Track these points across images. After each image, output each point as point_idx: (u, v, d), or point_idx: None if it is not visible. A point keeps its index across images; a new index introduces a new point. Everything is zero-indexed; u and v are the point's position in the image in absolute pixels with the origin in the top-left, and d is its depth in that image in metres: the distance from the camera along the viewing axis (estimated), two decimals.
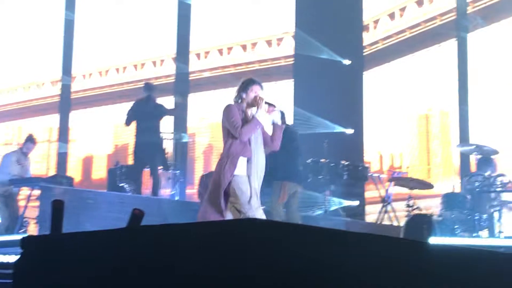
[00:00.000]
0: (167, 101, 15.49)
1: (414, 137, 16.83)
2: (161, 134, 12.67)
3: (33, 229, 11.52)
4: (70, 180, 12.19)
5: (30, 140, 11.96)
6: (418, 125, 16.43)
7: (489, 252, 4.09)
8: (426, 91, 16.22)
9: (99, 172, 19.91)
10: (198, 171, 17.88)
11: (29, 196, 11.31)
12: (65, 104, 19.75)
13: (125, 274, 3.67)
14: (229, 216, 7.71)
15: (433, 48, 16.31)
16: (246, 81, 8.09)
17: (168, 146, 14.13)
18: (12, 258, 6.81)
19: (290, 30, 17.47)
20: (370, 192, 14.52)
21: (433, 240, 9.73)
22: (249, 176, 7.74)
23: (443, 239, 9.88)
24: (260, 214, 7.63)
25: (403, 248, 3.98)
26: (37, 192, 11.37)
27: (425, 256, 3.82)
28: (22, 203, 11.94)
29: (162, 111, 12.48)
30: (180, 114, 16.83)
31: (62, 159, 18.64)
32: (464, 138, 14.18)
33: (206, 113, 19.02)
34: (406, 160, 16.74)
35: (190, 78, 18.57)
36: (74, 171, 18.99)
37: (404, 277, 3.58)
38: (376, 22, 17.63)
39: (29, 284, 4.12)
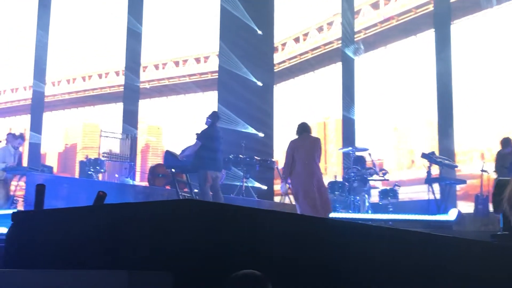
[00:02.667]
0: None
1: None
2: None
3: (20, 206, 11.20)
4: (50, 168, 11.93)
5: (21, 137, 11.69)
6: (317, 130, 15.34)
7: (361, 224, 4.16)
8: (325, 101, 15.59)
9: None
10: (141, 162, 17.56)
11: (19, 180, 11.02)
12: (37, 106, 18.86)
13: (90, 242, 3.61)
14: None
15: (330, 66, 15.64)
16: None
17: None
18: (4, 230, 6.61)
19: (215, 50, 17.01)
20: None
21: None
22: None
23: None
24: None
25: (300, 221, 4.02)
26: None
27: (314, 227, 3.86)
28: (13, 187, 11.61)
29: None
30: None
31: (35, 149, 17.77)
32: (348, 141, 13.78)
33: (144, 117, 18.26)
34: None
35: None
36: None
37: (300, 245, 3.61)
38: (283, 45, 17.04)
39: (18, 249, 4.01)
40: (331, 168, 14.93)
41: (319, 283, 3.57)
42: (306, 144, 8.71)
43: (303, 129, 8.90)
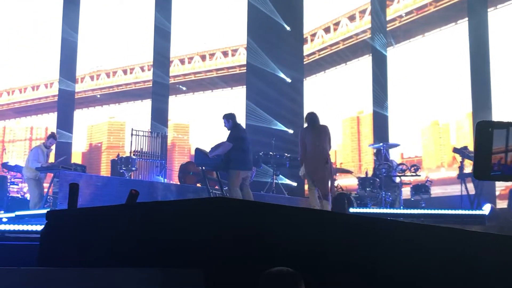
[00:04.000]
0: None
1: (347, 137, 15.50)
2: None
3: (54, 205, 11.37)
4: (83, 167, 12.06)
5: (53, 136, 11.83)
6: (350, 125, 15.07)
7: (392, 220, 4.14)
8: (358, 95, 14.78)
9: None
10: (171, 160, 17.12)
11: (52, 179, 11.17)
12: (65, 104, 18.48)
13: (123, 240, 3.65)
14: None
15: (364, 57, 14.73)
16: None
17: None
18: (39, 227, 6.73)
19: (243, 42, 16.49)
20: None
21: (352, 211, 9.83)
22: None
23: (359, 210, 9.97)
24: None
25: (330, 218, 4.00)
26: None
27: (346, 223, 3.85)
28: (46, 185, 11.76)
29: None
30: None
31: (65, 148, 17.28)
32: (379, 136, 13.30)
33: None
34: (339, 157, 15.25)
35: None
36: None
37: (331, 240, 3.60)
38: (313, 35, 16.18)
39: (52, 247, 4.07)
40: (367, 166, 14.02)
41: (348, 280, 3.56)
42: (315, 131, 9.29)
43: (312, 118, 9.42)
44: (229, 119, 10.00)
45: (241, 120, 10.31)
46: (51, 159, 12.33)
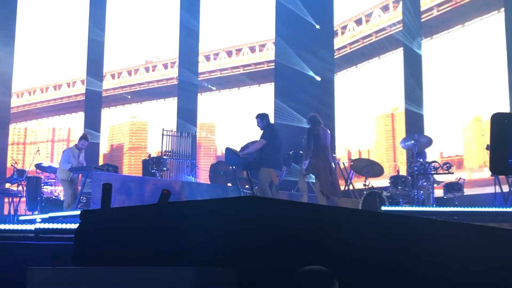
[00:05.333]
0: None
1: (381, 135, 14.84)
2: None
3: (87, 205, 11.50)
4: (115, 167, 12.18)
5: (84, 137, 11.96)
6: (384, 123, 14.45)
7: (425, 218, 4.10)
8: (392, 91, 13.96)
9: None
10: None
11: (85, 180, 11.30)
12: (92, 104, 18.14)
13: (155, 240, 3.67)
14: None
15: (398, 50, 13.82)
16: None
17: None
18: (74, 225, 6.81)
19: (271, 37, 15.97)
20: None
21: (384, 209, 9.77)
22: None
23: (391, 209, 9.91)
24: None
25: (362, 216, 3.98)
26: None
27: (378, 221, 3.82)
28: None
29: None
30: None
31: (94, 149, 16.90)
32: (412, 134, 12.14)
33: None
34: (373, 157, 14.27)
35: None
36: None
37: (364, 238, 3.58)
38: (344, 28, 15.29)
39: (86, 246, 4.12)
40: (402, 166, 13.35)
41: (383, 279, 3.53)
42: (321, 133, 10.05)
43: (315, 121, 10.12)
44: (263, 118, 10.08)
45: (270, 118, 10.32)
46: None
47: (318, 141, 9.99)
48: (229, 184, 12.26)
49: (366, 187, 11.29)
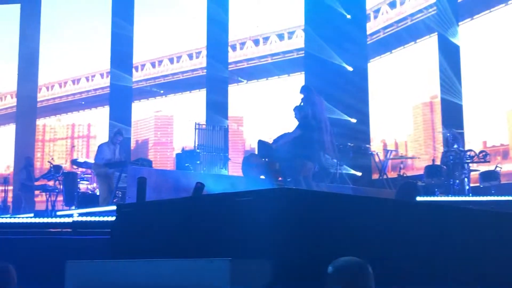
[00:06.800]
0: None
1: (418, 125, 13.96)
2: None
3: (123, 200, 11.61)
4: (150, 162, 12.28)
5: (119, 132, 12.03)
6: (422, 112, 13.55)
7: (461, 207, 4.06)
8: (431, 78, 12.88)
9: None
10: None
11: (120, 175, 11.40)
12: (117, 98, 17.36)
13: (191, 232, 3.70)
14: None
15: (435, 35, 12.75)
16: None
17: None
18: (111, 218, 6.87)
19: (301, 23, 14.97)
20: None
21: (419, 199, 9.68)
22: None
23: (427, 199, 9.81)
24: None
25: (397, 206, 3.96)
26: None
27: (413, 211, 3.80)
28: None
29: None
30: None
31: (125, 144, 15.47)
32: (449, 123, 12.07)
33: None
34: (411, 147, 13.77)
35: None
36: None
37: (399, 228, 3.57)
38: (376, 11, 14.13)
39: (122, 240, 4.17)
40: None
41: (414, 267, 3.51)
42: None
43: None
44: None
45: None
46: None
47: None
48: (262, 177, 12.25)
49: (402, 176, 11.19)
